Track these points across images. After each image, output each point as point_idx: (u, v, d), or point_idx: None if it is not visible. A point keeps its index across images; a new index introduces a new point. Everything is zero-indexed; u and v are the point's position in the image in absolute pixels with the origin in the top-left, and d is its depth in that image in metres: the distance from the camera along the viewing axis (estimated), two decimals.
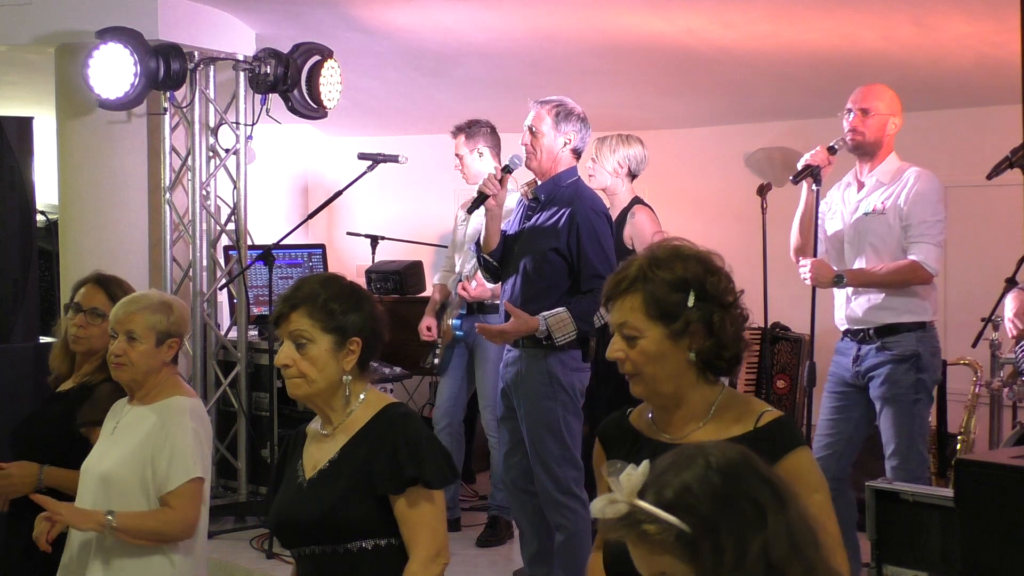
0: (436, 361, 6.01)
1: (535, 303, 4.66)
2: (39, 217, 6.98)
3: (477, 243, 4.97)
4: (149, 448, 3.24)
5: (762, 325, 4.77)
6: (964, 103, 6.62)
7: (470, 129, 5.95)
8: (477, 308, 5.92)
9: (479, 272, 5.47)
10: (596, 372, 4.87)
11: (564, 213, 4.69)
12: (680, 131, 7.79)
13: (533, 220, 4.79)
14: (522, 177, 5.03)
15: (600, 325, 4.66)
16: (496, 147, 6.00)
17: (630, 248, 5.51)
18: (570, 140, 4.78)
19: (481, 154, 5.92)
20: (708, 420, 2.42)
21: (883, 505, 4.06)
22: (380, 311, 2.85)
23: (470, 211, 4.97)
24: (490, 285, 5.45)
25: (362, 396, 2.80)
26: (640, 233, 5.55)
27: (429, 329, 6.03)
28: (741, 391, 6.95)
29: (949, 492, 3.58)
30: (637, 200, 5.68)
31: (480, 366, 5.95)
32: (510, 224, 4.94)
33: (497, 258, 4.85)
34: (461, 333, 5.95)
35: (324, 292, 2.76)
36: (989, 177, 4.41)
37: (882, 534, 4.05)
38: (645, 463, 1.66)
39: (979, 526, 3.31)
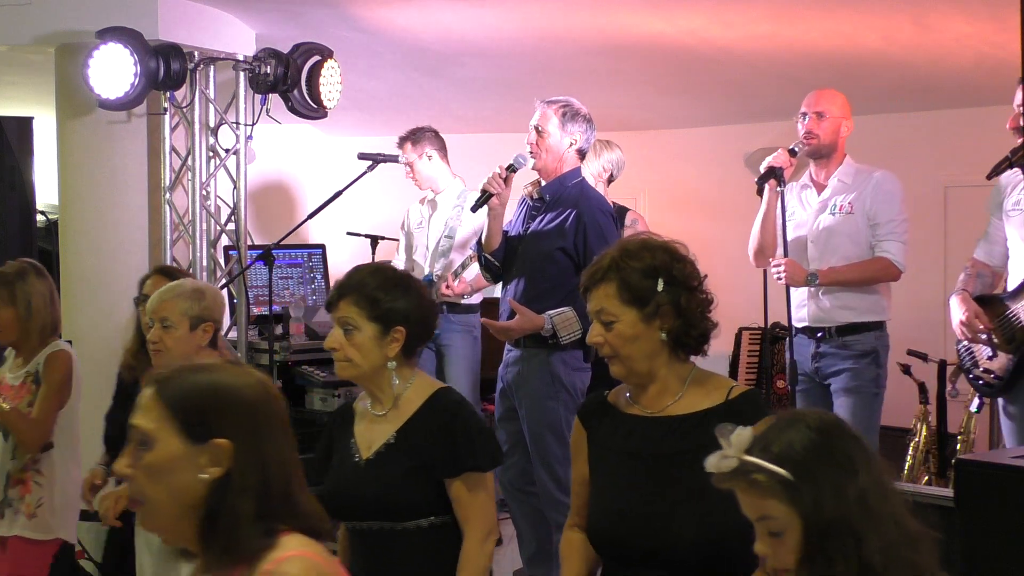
0: None
1: (540, 303, 4.66)
2: (39, 217, 6.99)
3: (479, 242, 4.97)
4: None
5: (762, 325, 4.78)
6: (964, 103, 6.63)
7: (414, 136, 6.10)
8: (447, 308, 5.93)
9: (466, 271, 5.49)
10: (595, 373, 4.87)
11: (571, 213, 4.70)
12: (680, 131, 7.79)
13: (538, 220, 4.78)
14: (524, 177, 5.03)
15: None
16: (442, 150, 6.09)
17: None
18: (576, 141, 4.79)
19: (430, 157, 6.02)
20: (682, 394, 2.67)
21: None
22: (428, 300, 3.06)
23: (473, 209, 4.97)
24: (478, 284, 5.48)
25: (411, 380, 3.00)
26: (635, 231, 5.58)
27: None
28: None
29: (949, 492, 3.58)
30: (626, 208, 5.73)
31: (448, 364, 5.97)
32: (511, 224, 4.94)
33: (499, 258, 4.85)
34: (436, 331, 5.96)
35: (372, 281, 2.96)
36: (989, 177, 4.41)
37: None
38: (750, 428, 2.00)
39: (979, 526, 3.31)
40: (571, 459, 2.84)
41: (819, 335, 4.77)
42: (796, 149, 4.78)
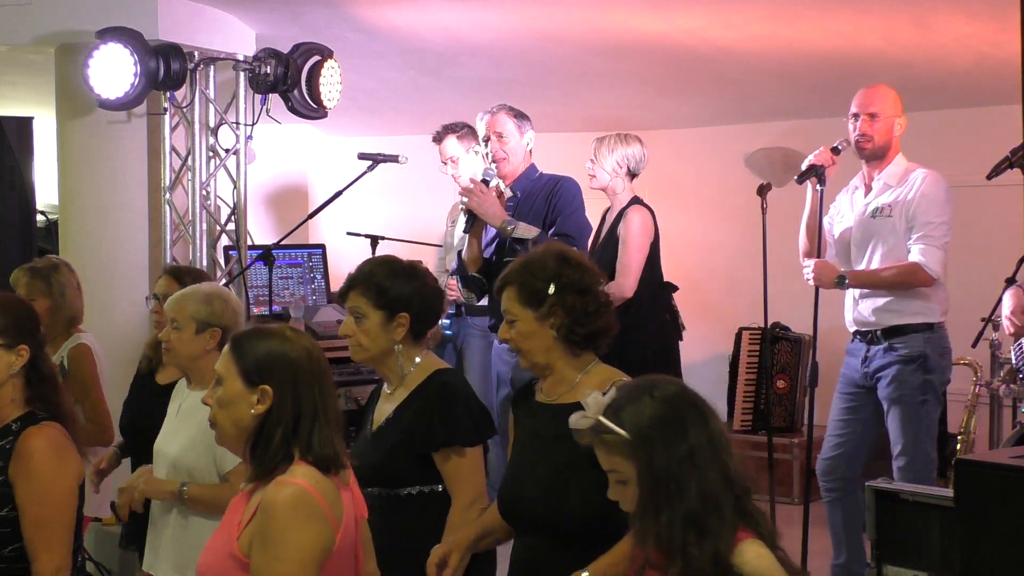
0: None
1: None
2: (39, 217, 7.00)
3: (460, 262, 5.04)
4: (210, 434, 3.36)
5: (762, 325, 4.77)
6: (964, 103, 6.63)
7: (458, 130, 6.00)
8: (466, 310, 5.94)
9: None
10: None
11: (539, 197, 4.94)
12: (680, 131, 7.79)
13: (517, 218, 4.89)
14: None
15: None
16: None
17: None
18: (531, 139, 5.08)
19: (476, 152, 5.93)
20: (575, 385, 2.97)
21: (883, 505, 4.06)
22: (433, 288, 3.31)
23: (465, 231, 5.00)
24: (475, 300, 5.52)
25: (417, 360, 3.28)
26: (625, 234, 5.41)
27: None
28: (741, 390, 7.01)
29: (949, 492, 3.58)
30: (636, 200, 5.64)
31: (467, 369, 5.98)
32: (487, 238, 5.00)
33: (485, 271, 4.94)
34: (451, 332, 5.98)
35: (379, 272, 3.25)
36: (989, 177, 4.41)
37: (882, 534, 4.05)
38: (612, 390, 2.44)
39: (979, 526, 3.30)
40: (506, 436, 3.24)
41: (868, 337, 4.67)
42: (840, 147, 4.65)
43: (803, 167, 4.70)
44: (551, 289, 2.96)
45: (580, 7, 5.76)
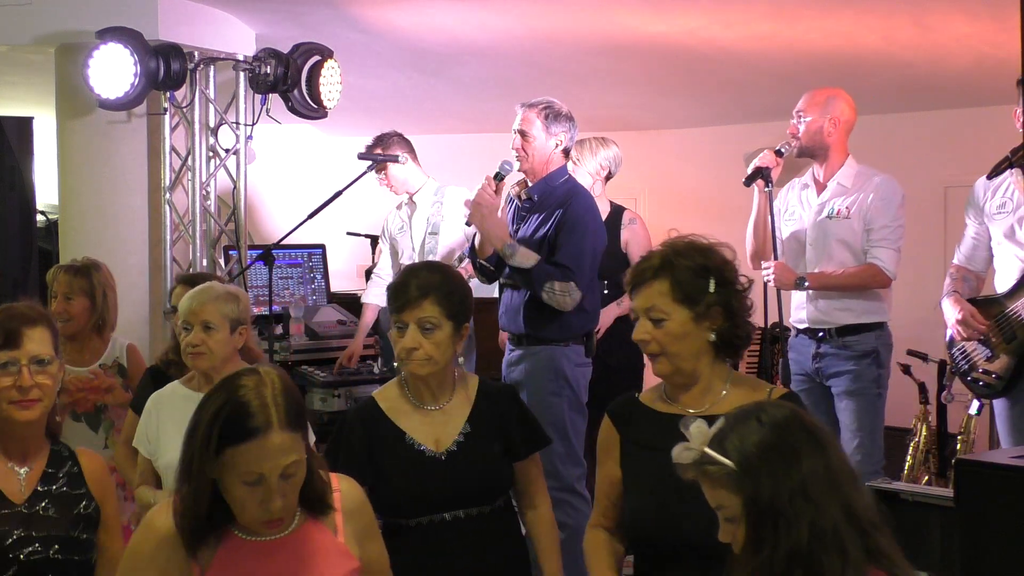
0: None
1: (535, 302, 4.66)
2: (39, 217, 6.99)
3: (472, 247, 4.97)
4: None
5: (762, 325, 4.77)
6: (964, 103, 6.63)
7: (381, 143, 5.96)
8: None
9: (463, 264, 5.46)
10: (595, 368, 4.87)
11: (558, 213, 4.71)
12: (680, 131, 7.79)
13: (527, 223, 4.80)
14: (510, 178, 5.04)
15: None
16: (412, 151, 5.97)
17: (624, 252, 5.55)
18: (561, 141, 4.82)
19: (403, 161, 5.92)
20: (725, 395, 2.73)
21: (883, 505, 4.05)
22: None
23: (469, 223, 4.98)
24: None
25: (457, 373, 3.20)
26: (638, 240, 5.57)
27: (353, 356, 6.03)
28: None
29: (949, 492, 3.58)
30: (623, 208, 5.70)
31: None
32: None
33: (493, 262, 4.87)
34: None
35: (449, 281, 3.12)
36: (989, 177, 4.41)
37: None
38: (720, 419, 2.14)
39: (979, 526, 3.30)
40: (598, 460, 2.88)
41: (820, 335, 4.75)
42: (783, 150, 4.74)
43: (749, 171, 4.76)
44: (711, 286, 2.68)
45: (580, 7, 5.76)
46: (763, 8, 5.59)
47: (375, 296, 6.12)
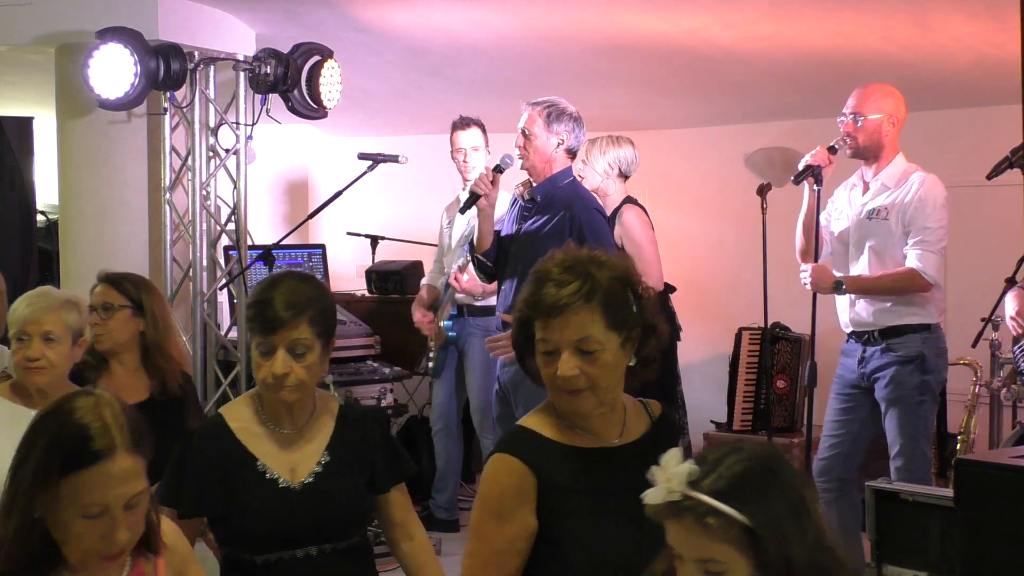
0: (430, 364, 6.04)
1: None
2: (39, 217, 7.00)
3: (471, 243, 4.96)
4: None
5: (762, 325, 4.77)
6: (964, 103, 6.62)
7: (482, 125, 6.01)
8: (467, 311, 5.94)
9: (470, 266, 5.47)
10: None
11: (565, 216, 4.68)
12: (680, 131, 7.79)
13: (531, 222, 4.78)
14: (514, 176, 5.03)
15: None
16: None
17: (620, 247, 5.52)
18: (563, 140, 4.77)
19: (489, 152, 5.97)
20: (627, 419, 2.43)
21: (883, 505, 4.06)
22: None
23: (462, 211, 4.97)
24: (484, 284, 5.45)
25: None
26: (628, 232, 5.50)
27: (424, 317, 6.04)
28: (741, 390, 7.01)
29: (949, 492, 3.58)
30: (628, 199, 5.67)
31: (468, 368, 5.99)
32: (504, 224, 4.93)
33: (492, 258, 4.85)
34: (454, 334, 5.98)
35: (322, 298, 2.76)
36: (989, 177, 4.41)
37: (882, 534, 4.05)
38: (688, 458, 1.80)
39: (979, 526, 3.31)
40: (501, 515, 2.34)
41: (864, 339, 4.66)
42: (836, 147, 4.65)
43: (800, 167, 4.70)
44: (633, 305, 2.31)
45: (580, 7, 5.76)
46: (763, 8, 5.59)
47: (430, 278, 6.29)
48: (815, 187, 4.66)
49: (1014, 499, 3.22)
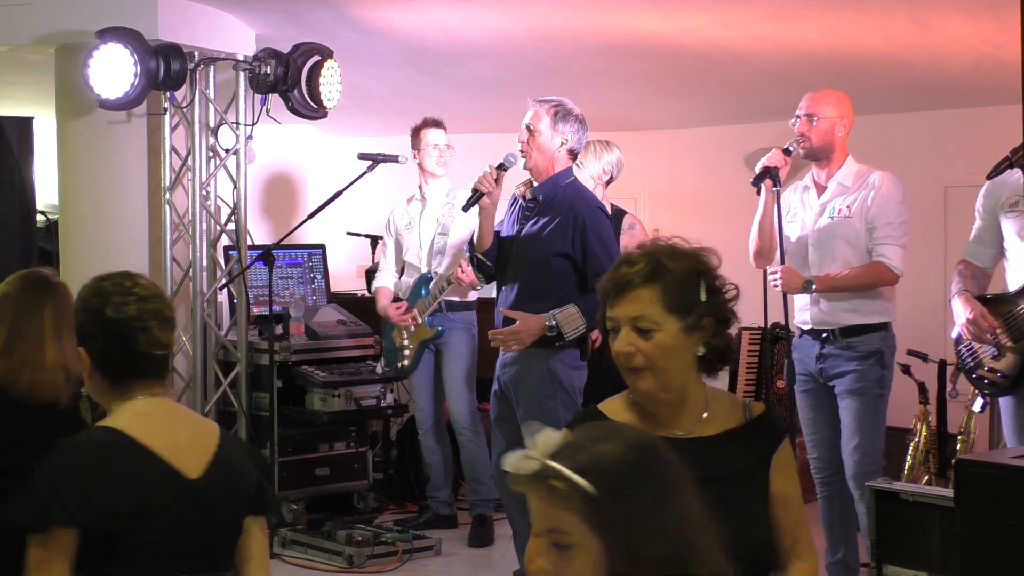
0: (406, 362, 6.03)
1: (536, 306, 4.65)
2: (39, 217, 6.99)
3: (471, 242, 4.96)
4: None
5: (762, 325, 4.77)
6: (964, 103, 6.63)
7: (443, 125, 6.04)
8: (446, 306, 5.94)
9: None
10: (591, 372, 4.87)
11: (567, 216, 4.68)
12: (680, 131, 7.79)
13: (532, 222, 4.78)
14: (515, 176, 5.02)
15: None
16: None
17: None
18: (567, 140, 4.77)
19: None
20: (708, 414, 2.46)
21: (883, 505, 4.06)
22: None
23: (465, 209, 4.97)
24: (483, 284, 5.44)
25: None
26: (634, 241, 5.55)
27: (404, 314, 6.00)
28: (741, 390, 7.01)
29: (949, 492, 3.59)
30: (621, 210, 5.70)
31: (447, 360, 5.98)
32: (504, 223, 4.93)
33: (491, 258, 4.85)
34: (442, 329, 5.96)
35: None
36: (989, 177, 4.41)
37: (882, 534, 4.06)
38: (565, 430, 1.75)
39: (979, 526, 3.31)
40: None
41: (823, 336, 4.73)
42: (791, 148, 4.72)
43: (757, 170, 4.75)
44: (703, 295, 2.40)
45: (580, 7, 5.76)
46: (763, 8, 5.59)
47: (386, 280, 6.23)
48: (773, 188, 4.71)
49: (1014, 499, 3.23)
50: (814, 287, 4.68)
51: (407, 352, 6.02)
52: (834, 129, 4.73)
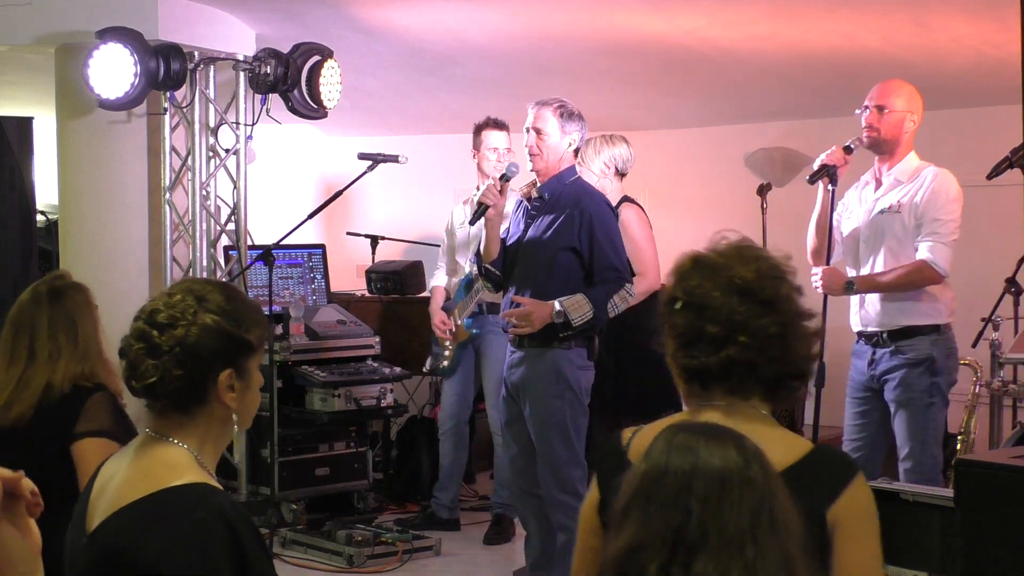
0: (446, 364, 6.02)
1: (545, 300, 4.66)
2: (39, 217, 6.99)
3: (477, 253, 4.97)
4: None
5: None
6: (964, 103, 6.62)
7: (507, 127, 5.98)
8: (487, 308, 5.92)
9: None
10: (597, 372, 4.86)
11: (574, 210, 4.70)
12: (680, 131, 7.79)
13: (539, 220, 4.78)
14: (517, 180, 5.03)
15: (613, 316, 4.68)
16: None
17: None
18: (574, 140, 4.80)
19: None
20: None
21: (883, 505, 4.03)
22: None
23: (472, 222, 4.98)
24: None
25: None
26: (627, 231, 5.42)
27: (444, 323, 6.01)
28: None
29: (949, 492, 3.58)
30: (626, 198, 5.65)
31: (486, 365, 5.97)
32: (509, 231, 4.94)
33: (499, 267, 4.86)
34: (477, 331, 5.95)
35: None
36: (989, 177, 4.41)
37: (882, 534, 4.05)
38: None
39: (979, 526, 3.31)
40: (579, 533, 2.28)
41: (873, 340, 4.62)
42: (852, 146, 4.59)
43: (815, 166, 4.65)
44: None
45: (580, 7, 5.76)
46: (763, 8, 5.59)
47: (439, 280, 6.24)
48: (830, 187, 4.62)
49: (1014, 499, 3.22)
50: (855, 288, 4.60)
51: (447, 353, 6.03)
52: (903, 123, 4.60)
